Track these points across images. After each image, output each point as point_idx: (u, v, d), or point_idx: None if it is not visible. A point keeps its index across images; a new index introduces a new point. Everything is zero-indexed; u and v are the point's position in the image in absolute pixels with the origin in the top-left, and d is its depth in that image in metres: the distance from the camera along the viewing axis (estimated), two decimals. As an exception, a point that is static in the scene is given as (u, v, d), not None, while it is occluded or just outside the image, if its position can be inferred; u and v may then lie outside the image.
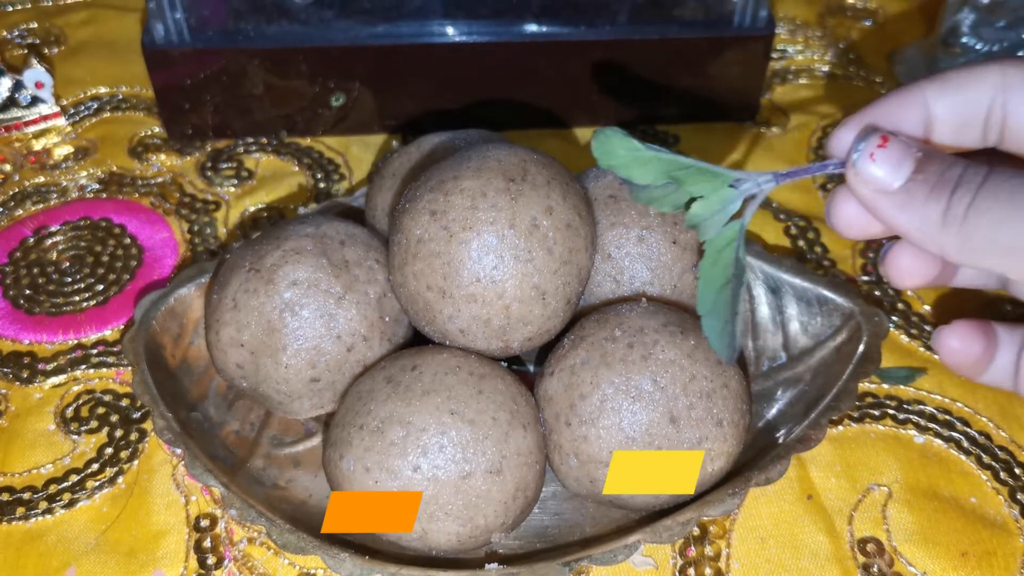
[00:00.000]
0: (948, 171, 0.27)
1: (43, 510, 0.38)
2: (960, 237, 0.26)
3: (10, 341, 0.44)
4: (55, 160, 0.53)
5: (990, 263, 0.26)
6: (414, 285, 0.35)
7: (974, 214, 0.26)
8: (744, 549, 0.37)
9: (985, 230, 0.26)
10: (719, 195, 0.32)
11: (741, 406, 0.35)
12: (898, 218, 0.28)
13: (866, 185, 0.28)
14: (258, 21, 0.51)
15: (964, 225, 0.26)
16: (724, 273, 0.32)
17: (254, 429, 0.40)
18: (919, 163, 0.28)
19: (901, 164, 0.28)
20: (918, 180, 0.27)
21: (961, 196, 0.26)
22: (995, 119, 0.29)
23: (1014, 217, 0.25)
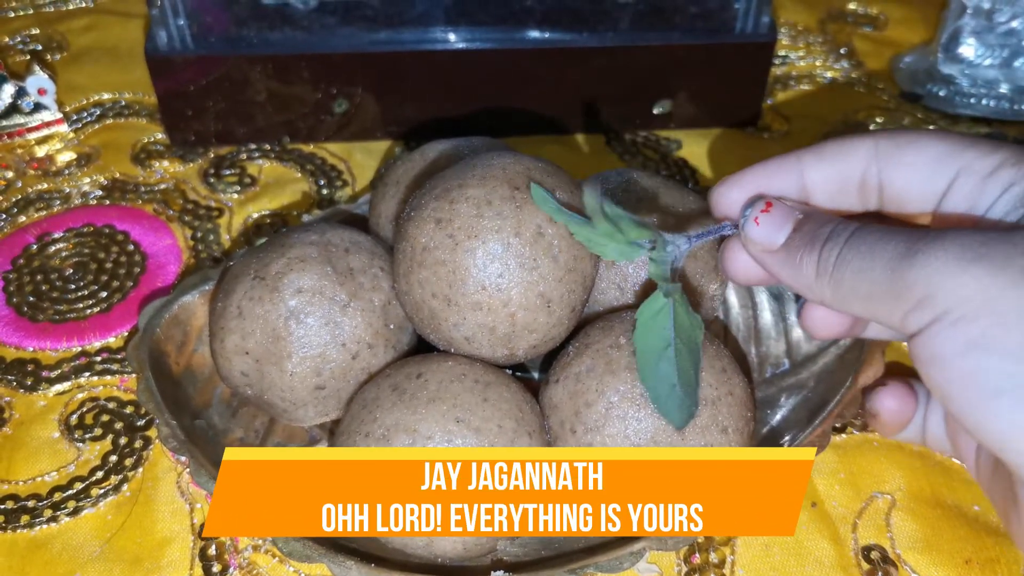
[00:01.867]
0: (821, 228, 0.30)
1: (48, 518, 0.38)
2: (831, 287, 0.29)
3: (14, 348, 0.44)
4: (58, 167, 0.53)
5: (856, 308, 0.28)
6: (419, 293, 0.35)
7: (840, 265, 0.28)
8: (749, 556, 0.37)
9: (849, 280, 0.28)
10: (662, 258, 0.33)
11: (746, 413, 0.35)
12: (781, 273, 0.31)
13: (753, 245, 0.31)
14: (261, 28, 0.51)
15: (833, 276, 0.28)
16: (661, 339, 0.33)
17: (258, 436, 0.40)
18: (798, 223, 0.31)
19: (782, 226, 0.31)
20: (795, 238, 0.30)
21: (830, 249, 0.29)
22: (871, 186, 0.31)
23: (871, 268, 0.27)
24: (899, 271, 0.26)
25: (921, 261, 0.26)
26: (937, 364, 0.26)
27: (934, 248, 0.26)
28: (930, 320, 0.26)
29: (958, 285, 0.25)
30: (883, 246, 0.27)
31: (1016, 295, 0.24)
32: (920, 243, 0.26)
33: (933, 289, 0.25)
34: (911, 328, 0.26)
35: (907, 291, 0.26)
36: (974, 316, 0.25)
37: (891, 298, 0.27)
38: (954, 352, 0.25)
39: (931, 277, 0.25)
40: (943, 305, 0.25)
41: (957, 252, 0.25)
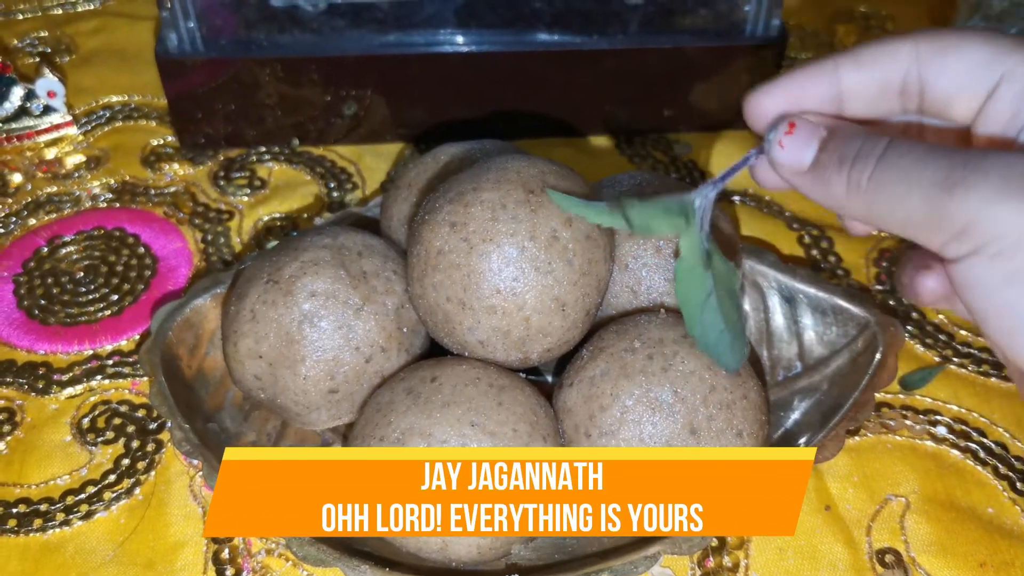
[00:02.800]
0: (848, 146, 0.29)
1: (60, 522, 0.38)
2: (864, 206, 0.28)
3: (25, 351, 0.44)
4: (67, 169, 0.53)
5: (894, 229, 0.28)
6: (434, 296, 0.35)
7: (873, 187, 0.27)
8: (763, 560, 0.37)
9: (884, 203, 0.27)
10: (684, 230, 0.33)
11: (760, 417, 0.35)
12: (813, 193, 0.30)
13: (781, 168, 0.30)
14: (270, 30, 0.51)
15: (865, 196, 0.28)
16: (701, 288, 0.32)
17: (271, 440, 0.40)
18: (823, 141, 0.30)
19: (807, 145, 0.30)
20: (822, 158, 0.29)
21: (860, 169, 0.28)
22: (912, 90, 0.30)
23: (907, 194, 0.26)
24: (938, 202, 0.26)
25: (960, 194, 0.25)
26: (974, 291, 0.26)
27: (974, 179, 0.25)
28: (969, 251, 0.25)
29: (998, 220, 0.25)
30: (919, 171, 0.26)
31: None
32: (958, 172, 0.26)
33: (972, 222, 0.25)
34: (949, 255, 0.26)
35: (946, 222, 0.26)
36: (1013, 251, 0.25)
37: (930, 226, 0.26)
38: (992, 284, 0.25)
39: (970, 210, 0.25)
40: (982, 238, 0.25)
41: (997, 184, 0.25)
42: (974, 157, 0.26)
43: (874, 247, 0.49)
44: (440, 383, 0.34)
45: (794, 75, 0.32)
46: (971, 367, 0.43)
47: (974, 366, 0.43)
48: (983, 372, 0.43)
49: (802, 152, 0.30)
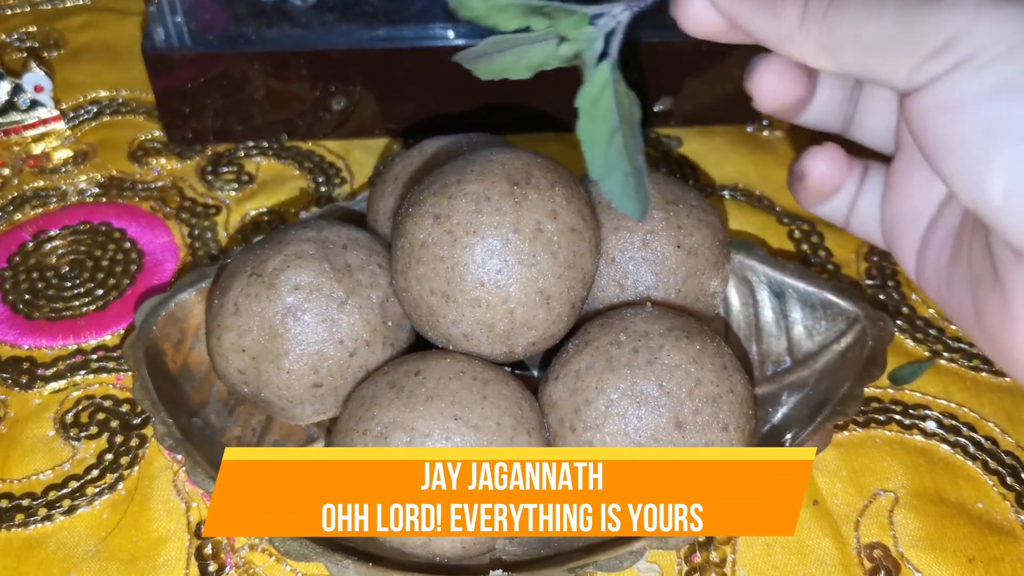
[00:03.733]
0: None
1: (43, 517, 0.37)
2: (821, 35, 0.25)
3: (9, 346, 0.44)
4: (54, 164, 0.53)
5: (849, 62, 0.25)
6: (417, 289, 0.34)
7: (836, 8, 0.24)
8: (750, 555, 0.36)
9: (846, 27, 0.24)
10: (581, 34, 0.29)
11: (747, 411, 0.35)
12: (756, 23, 0.26)
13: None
14: (259, 25, 0.51)
15: (824, 21, 0.25)
16: (607, 122, 0.29)
17: (255, 435, 0.39)
18: None
19: None
20: None
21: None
22: None
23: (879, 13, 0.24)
24: (919, 13, 0.23)
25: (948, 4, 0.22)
26: (951, 111, 0.23)
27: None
28: (950, 66, 0.23)
29: (991, 25, 0.22)
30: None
31: None
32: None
33: (959, 31, 0.22)
34: (921, 79, 0.23)
35: (926, 37, 0.23)
36: (1007, 58, 0.22)
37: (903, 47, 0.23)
38: (977, 96, 0.22)
39: (959, 19, 0.22)
40: (969, 48, 0.22)
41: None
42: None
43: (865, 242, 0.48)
44: (424, 377, 0.33)
45: None
46: (961, 362, 0.43)
47: (964, 361, 0.43)
48: (973, 367, 0.43)
49: None
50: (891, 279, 0.47)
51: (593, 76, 0.29)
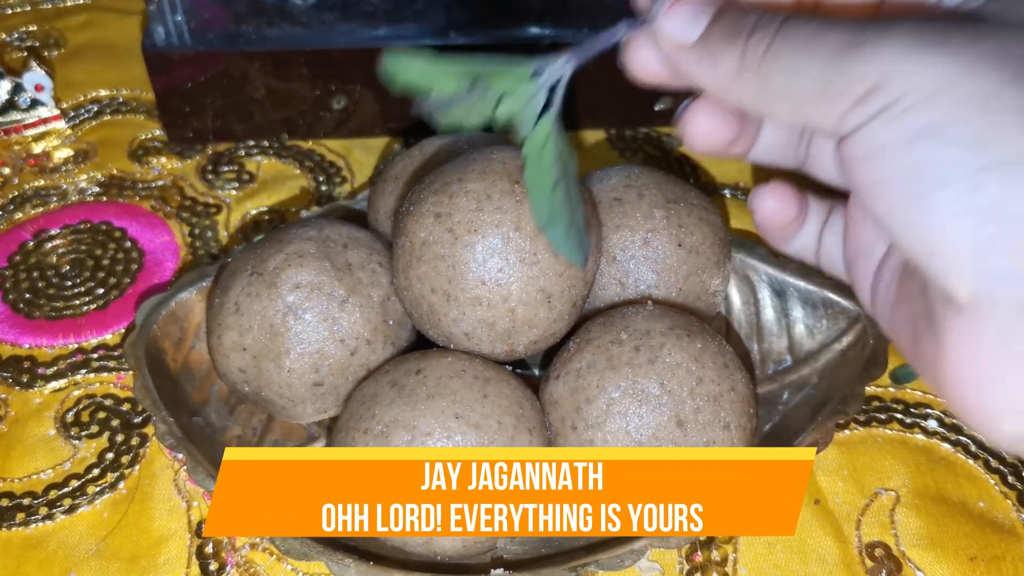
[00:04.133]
0: (744, 18, 0.26)
1: (43, 516, 0.37)
2: (756, 84, 0.25)
3: (10, 345, 0.44)
4: (55, 163, 0.53)
5: (784, 110, 0.25)
6: (418, 288, 0.34)
7: (769, 59, 0.25)
8: (751, 554, 0.36)
9: (780, 76, 0.25)
10: (523, 90, 0.29)
11: (748, 409, 0.35)
12: (696, 71, 0.27)
13: (665, 41, 0.27)
14: (259, 24, 0.51)
15: (760, 71, 0.25)
16: (550, 174, 0.29)
17: (256, 434, 0.39)
18: (718, 12, 0.27)
19: (699, 16, 0.27)
20: (715, 29, 0.27)
21: (758, 41, 0.25)
22: None
23: (808, 62, 0.24)
24: (844, 62, 0.23)
25: (870, 50, 0.23)
26: (876, 158, 0.23)
27: (886, 35, 0.23)
28: (874, 113, 0.23)
29: (912, 71, 0.22)
30: (823, 37, 0.24)
31: (976, 81, 0.22)
32: (868, 32, 0.23)
33: (882, 79, 0.23)
34: (849, 126, 0.24)
35: (852, 85, 0.23)
36: (927, 104, 0.22)
37: (831, 94, 0.24)
38: (899, 142, 0.22)
39: (881, 66, 0.23)
40: (892, 95, 0.23)
41: (912, 38, 0.22)
42: (883, 21, 0.23)
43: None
44: (425, 375, 0.33)
45: None
46: (962, 361, 0.43)
47: (965, 360, 0.43)
48: (974, 366, 0.43)
49: (692, 23, 0.27)
50: (892, 278, 0.47)
51: (537, 129, 0.29)
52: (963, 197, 0.21)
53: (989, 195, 0.21)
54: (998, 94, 0.21)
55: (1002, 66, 0.22)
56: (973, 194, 0.21)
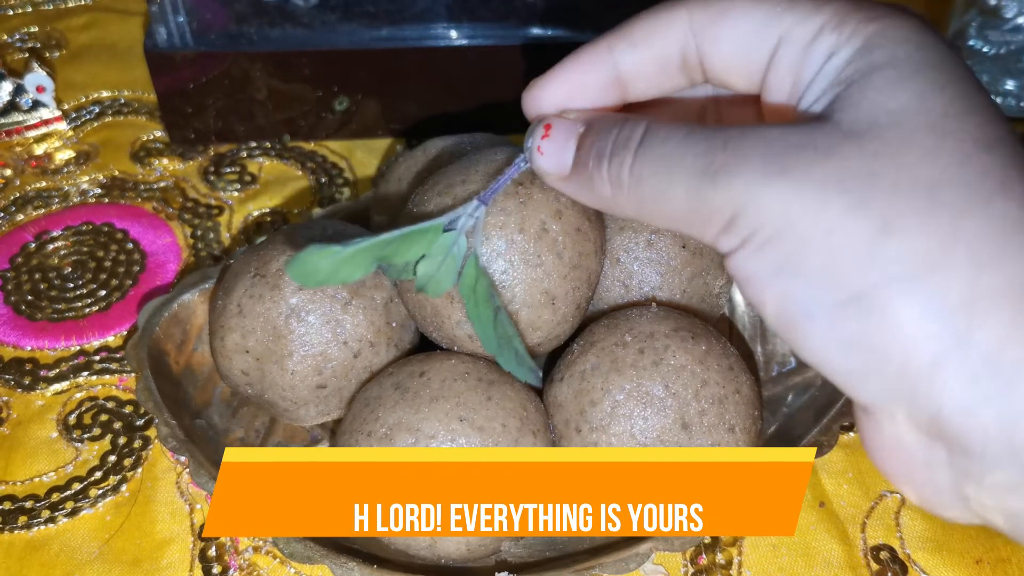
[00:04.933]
0: (603, 139, 0.27)
1: (46, 519, 0.37)
2: (633, 204, 0.26)
3: (12, 347, 0.44)
4: (56, 164, 0.53)
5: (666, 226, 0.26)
6: (422, 290, 0.34)
7: (634, 182, 0.26)
8: (756, 557, 0.36)
9: (649, 200, 0.25)
10: (439, 245, 0.31)
11: (753, 412, 0.34)
12: (580, 197, 0.28)
13: (546, 177, 0.29)
14: (261, 24, 0.51)
15: (630, 194, 0.26)
16: (488, 307, 0.31)
17: (259, 436, 0.39)
18: (580, 139, 0.28)
19: (565, 146, 0.28)
20: (581, 155, 0.27)
21: (619, 164, 0.26)
22: (692, 63, 0.28)
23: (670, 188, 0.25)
24: (701, 193, 0.24)
25: (724, 182, 0.23)
26: (752, 285, 0.24)
27: (735, 163, 0.23)
28: (739, 243, 0.24)
29: (761, 207, 0.23)
30: (680, 159, 0.24)
31: (816, 213, 0.22)
32: (719, 156, 0.24)
33: (738, 211, 0.23)
34: (723, 249, 0.24)
35: (713, 214, 0.24)
36: (779, 238, 0.23)
37: (697, 221, 0.24)
38: (765, 275, 0.23)
39: (734, 199, 0.23)
40: (750, 227, 0.23)
41: (759, 167, 0.23)
42: (735, 136, 0.24)
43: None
44: (428, 378, 0.33)
45: (570, 62, 0.30)
46: (967, 362, 0.43)
47: (970, 361, 0.43)
48: (979, 367, 0.43)
49: (561, 155, 0.28)
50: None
51: (465, 271, 0.31)
52: (828, 330, 0.23)
53: (849, 329, 0.22)
54: (839, 227, 0.22)
55: (843, 190, 0.22)
56: (835, 327, 0.22)
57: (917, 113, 0.23)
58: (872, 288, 0.22)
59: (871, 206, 0.22)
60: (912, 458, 0.24)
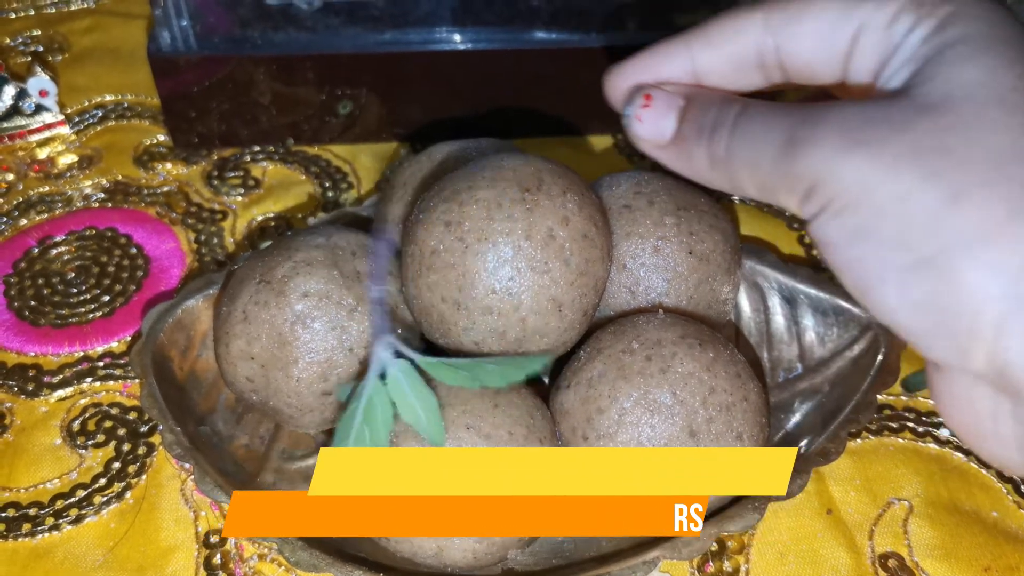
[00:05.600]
0: (706, 115, 0.28)
1: (50, 526, 0.37)
2: (726, 176, 0.28)
3: (15, 353, 0.43)
4: (59, 169, 0.53)
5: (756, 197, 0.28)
6: (428, 297, 0.34)
7: (730, 156, 0.27)
8: (763, 565, 0.36)
9: (741, 172, 0.27)
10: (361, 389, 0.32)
11: (760, 419, 0.34)
12: (676, 166, 0.30)
13: (642, 143, 0.30)
14: (265, 28, 0.50)
15: (726, 167, 0.28)
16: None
17: (264, 443, 0.39)
18: (682, 111, 0.29)
19: (666, 116, 0.29)
20: (683, 129, 0.29)
21: (719, 140, 0.28)
22: (771, 63, 0.30)
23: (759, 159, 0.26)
24: (784, 162, 0.26)
25: (803, 152, 0.25)
26: (830, 250, 0.26)
27: (814, 136, 0.25)
28: (819, 209, 0.25)
29: (838, 177, 0.25)
30: (767, 134, 0.26)
31: (890, 184, 0.24)
32: (802, 129, 0.25)
33: (817, 180, 0.25)
34: (806, 215, 0.26)
35: (796, 183, 0.25)
36: (855, 206, 0.24)
37: (783, 189, 0.26)
38: (841, 241, 0.25)
39: (813, 168, 0.25)
40: (828, 195, 0.25)
41: (836, 139, 0.25)
42: (815, 112, 0.25)
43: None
44: (435, 385, 0.33)
45: (648, 54, 0.31)
46: (974, 368, 0.43)
47: (977, 367, 0.43)
48: (986, 373, 0.42)
49: (660, 124, 0.29)
50: (902, 284, 0.46)
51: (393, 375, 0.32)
52: (900, 292, 0.24)
53: (920, 291, 0.24)
54: (912, 196, 0.24)
55: (916, 162, 0.24)
56: (907, 289, 0.24)
57: (987, 87, 0.24)
58: (941, 253, 0.23)
59: (942, 177, 0.23)
60: (980, 412, 0.26)
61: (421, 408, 0.31)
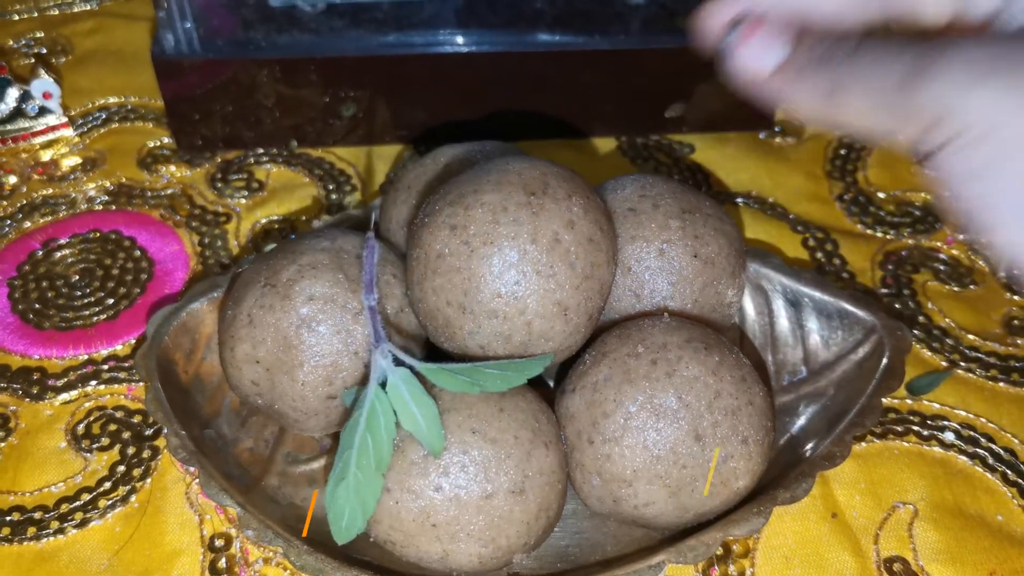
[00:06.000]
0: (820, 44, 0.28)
1: (55, 530, 0.37)
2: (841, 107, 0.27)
3: (19, 356, 0.43)
4: (63, 171, 0.53)
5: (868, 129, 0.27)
6: (433, 300, 0.34)
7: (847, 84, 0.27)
8: (768, 569, 0.36)
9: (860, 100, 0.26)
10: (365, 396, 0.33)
11: (766, 423, 0.34)
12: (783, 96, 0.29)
13: (745, 72, 0.29)
14: (268, 30, 0.50)
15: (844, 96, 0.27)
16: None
17: (268, 446, 0.39)
18: (793, 41, 0.28)
19: (775, 44, 0.29)
20: (797, 56, 0.28)
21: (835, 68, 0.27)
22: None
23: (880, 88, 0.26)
24: (908, 92, 0.25)
25: (930, 82, 0.24)
26: (953, 183, 0.25)
27: (942, 67, 0.24)
28: (943, 141, 0.25)
29: (968, 109, 0.24)
30: (890, 64, 0.25)
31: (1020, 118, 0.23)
32: (927, 60, 0.25)
33: (943, 111, 0.24)
34: (927, 147, 0.25)
35: (921, 112, 0.25)
36: (983, 140, 0.24)
37: (904, 119, 0.25)
38: (966, 174, 0.24)
39: (940, 98, 0.24)
40: (955, 127, 0.24)
41: (964, 71, 0.24)
42: (939, 45, 0.25)
43: (880, 249, 0.48)
44: (440, 389, 0.33)
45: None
46: (979, 372, 0.43)
47: (982, 371, 0.43)
48: (991, 377, 0.42)
49: (770, 52, 0.29)
50: (907, 287, 0.46)
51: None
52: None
53: None
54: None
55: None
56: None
57: None
58: None
59: None
60: None
61: (421, 416, 0.31)
